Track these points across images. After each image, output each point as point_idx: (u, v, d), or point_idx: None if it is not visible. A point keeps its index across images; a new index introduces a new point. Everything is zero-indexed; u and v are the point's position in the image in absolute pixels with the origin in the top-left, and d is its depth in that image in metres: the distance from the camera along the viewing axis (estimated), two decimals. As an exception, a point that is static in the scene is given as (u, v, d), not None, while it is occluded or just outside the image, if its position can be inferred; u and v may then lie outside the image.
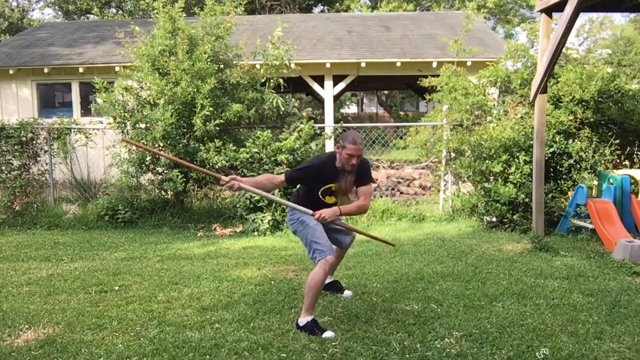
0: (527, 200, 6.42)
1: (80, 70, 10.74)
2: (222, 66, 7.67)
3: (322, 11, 27.02)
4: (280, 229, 6.93)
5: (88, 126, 8.50)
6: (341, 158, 3.44)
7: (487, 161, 6.97)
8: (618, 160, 7.50)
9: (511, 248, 5.64)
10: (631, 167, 7.45)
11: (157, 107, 7.29)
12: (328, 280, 4.04)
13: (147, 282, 4.54)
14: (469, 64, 9.74)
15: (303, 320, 3.37)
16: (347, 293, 4.09)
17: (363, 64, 10.72)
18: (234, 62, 7.96)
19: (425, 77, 8.16)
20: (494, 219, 6.74)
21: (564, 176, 7.15)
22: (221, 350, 3.09)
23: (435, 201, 8.28)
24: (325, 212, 3.43)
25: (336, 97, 13.66)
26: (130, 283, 4.53)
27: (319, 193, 3.52)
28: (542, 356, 2.97)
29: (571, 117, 7.16)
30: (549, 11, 6.10)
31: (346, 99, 33.62)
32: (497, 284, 4.34)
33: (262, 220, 6.88)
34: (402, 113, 32.78)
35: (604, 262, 5.01)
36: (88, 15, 24.67)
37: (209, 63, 7.24)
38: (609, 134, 7.35)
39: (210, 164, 7.19)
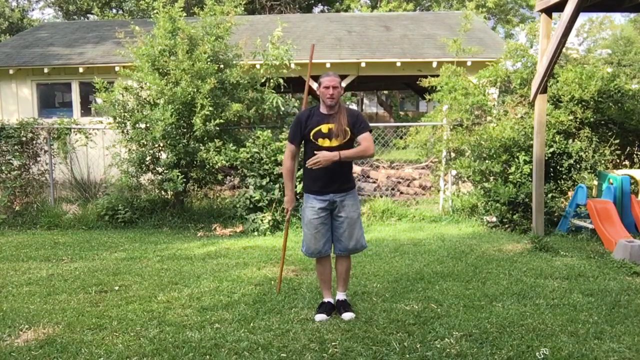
0: (527, 200, 6.41)
1: (80, 70, 10.74)
2: (222, 66, 7.66)
3: (322, 11, 27.01)
4: (280, 229, 6.93)
5: (88, 126, 8.49)
6: (321, 96, 3.53)
7: (487, 161, 6.97)
8: (618, 160, 7.50)
9: (511, 248, 5.64)
10: (631, 167, 7.45)
11: (157, 107, 7.29)
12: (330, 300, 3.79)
13: (147, 282, 4.55)
14: (468, 64, 9.74)
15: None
16: (346, 316, 3.64)
17: (363, 64, 10.71)
18: (234, 62, 7.96)
19: (425, 77, 8.15)
20: (494, 219, 6.74)
21: (564, 176, 7.15)
22: (221, 350, 3.09)
23: (435, 201, 8.27)
24: (321, 155, 3.39)
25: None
26: (130, 283, 4.54)
27: (312, 137, 3.56)
28: (542, 356, 2.97)
29: (571, 117, 7.16)
30: (549, 11, 6.10)
31: (346, 99, 33.60)
32: (497, 284, 4.34)
33: (262, 220, 6.89)
34: (402, 113, 32.83)
35: (604, 262, 5.01)
36: (88, 15, 24.70)
37: (209, 63, 7.24)
38: (609, 134, 7.35)
39: (210, 164, 7.19)
